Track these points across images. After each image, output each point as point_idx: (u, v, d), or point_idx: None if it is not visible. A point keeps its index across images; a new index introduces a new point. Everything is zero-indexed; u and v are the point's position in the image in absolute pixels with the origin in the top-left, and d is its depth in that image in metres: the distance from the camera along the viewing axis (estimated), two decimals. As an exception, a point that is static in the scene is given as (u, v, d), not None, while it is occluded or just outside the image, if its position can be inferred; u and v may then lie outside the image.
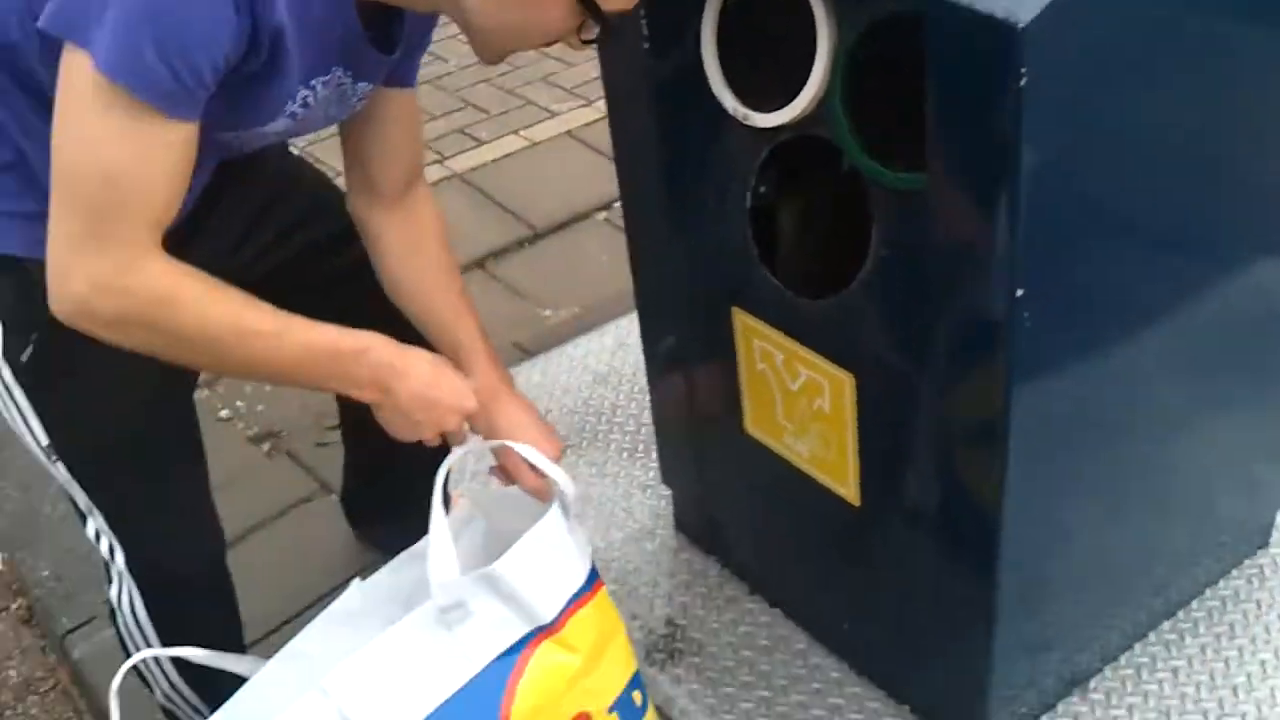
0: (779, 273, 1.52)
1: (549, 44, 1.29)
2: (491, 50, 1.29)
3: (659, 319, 1.79)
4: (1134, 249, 1.33)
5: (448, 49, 3.82)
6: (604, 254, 3.01)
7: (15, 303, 1.39)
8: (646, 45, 1.44)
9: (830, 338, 1.49)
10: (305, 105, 1.30)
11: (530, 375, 2.46)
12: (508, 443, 1.46)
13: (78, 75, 1.14)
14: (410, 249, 1.56)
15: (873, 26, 1.28)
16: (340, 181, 1.58)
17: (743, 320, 1.59)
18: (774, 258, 1.53)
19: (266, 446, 2.54)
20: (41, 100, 1.22)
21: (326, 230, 1.64)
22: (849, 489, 1.57)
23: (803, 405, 1.57)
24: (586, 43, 1.27)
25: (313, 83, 1.28)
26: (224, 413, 2.62)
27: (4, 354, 1.41)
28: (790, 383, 1.57)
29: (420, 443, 1.45)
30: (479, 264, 2.98)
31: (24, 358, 1.41)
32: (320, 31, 1.24)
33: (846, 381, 1.48)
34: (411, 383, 1.37)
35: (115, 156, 1.16)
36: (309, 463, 2.47)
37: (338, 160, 1.54)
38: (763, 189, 1.49)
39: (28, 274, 1.35)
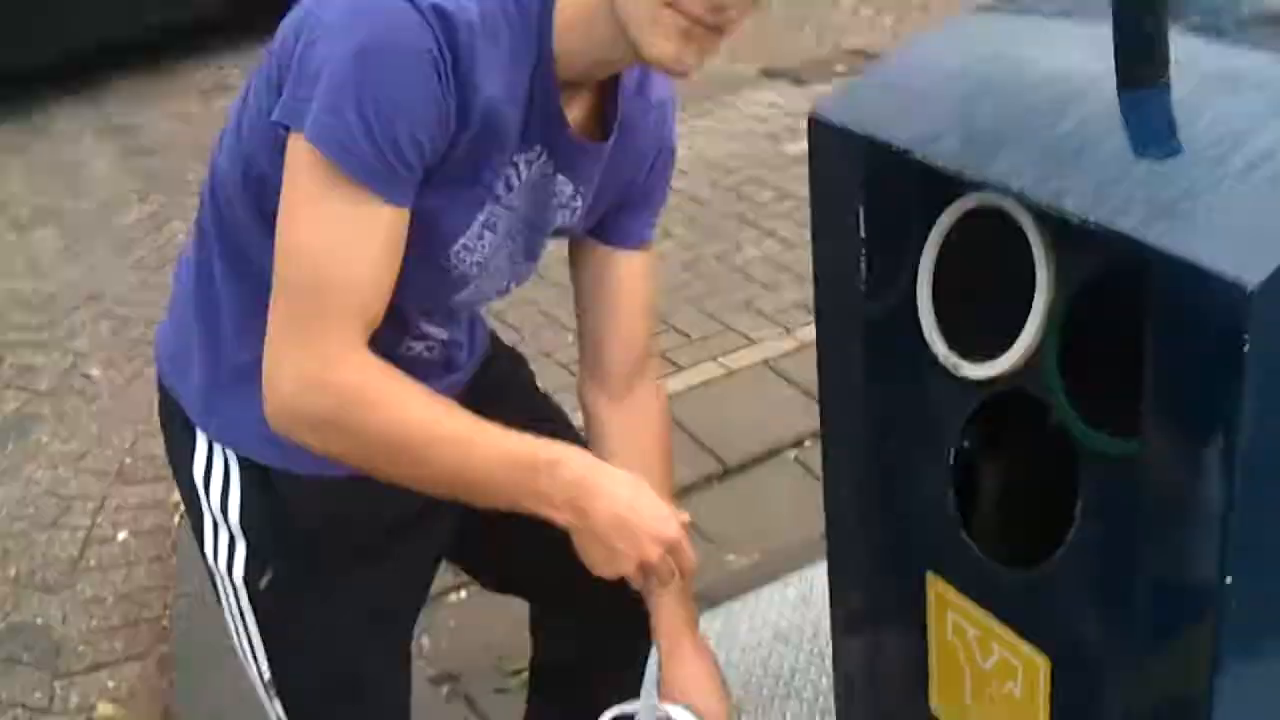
0: (977, 536, 1.43)
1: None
2: (644, 25, 1.18)
3: (849, 577, 1.71)
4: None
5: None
6: (792, 495, 2.93)
7: (262, 525, 1.40)
8: (863, 287, 1.41)
9: (1027, 613, 1.39)
10: (509, 186, 1.28)
11: (711, 624, 2.38)
12: (671, 711, 1.40)
13: (294, 158, 1.16)
14: (629, 449, 1.50)
15: (1092, 281, 1.23)
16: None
17: (937, 588, 1.50)
18: (973, 519, 1.45)
19: (445, 689, 2.48)
20: None
21: None
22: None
23: (993, 687, 1.45)
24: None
25: (516, 159, 1.26)
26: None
27: (245, 576, 1.41)
28: (982, 661, 1.46)
29: (599, 699, 1.37)
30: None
31: (263, 584, 1.40)
32: (524, 105, 1.23)
33: (1042, 666, 1.37)
34: (609, 503, 1.26)
35: (324, 239, 1.16)
36: (485, 708, 2.40)
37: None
38: (967, 444, 1.43)
39: (279, 496, 1.38)
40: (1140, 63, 1.18)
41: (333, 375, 1.18)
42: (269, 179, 1.23)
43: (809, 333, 3.46)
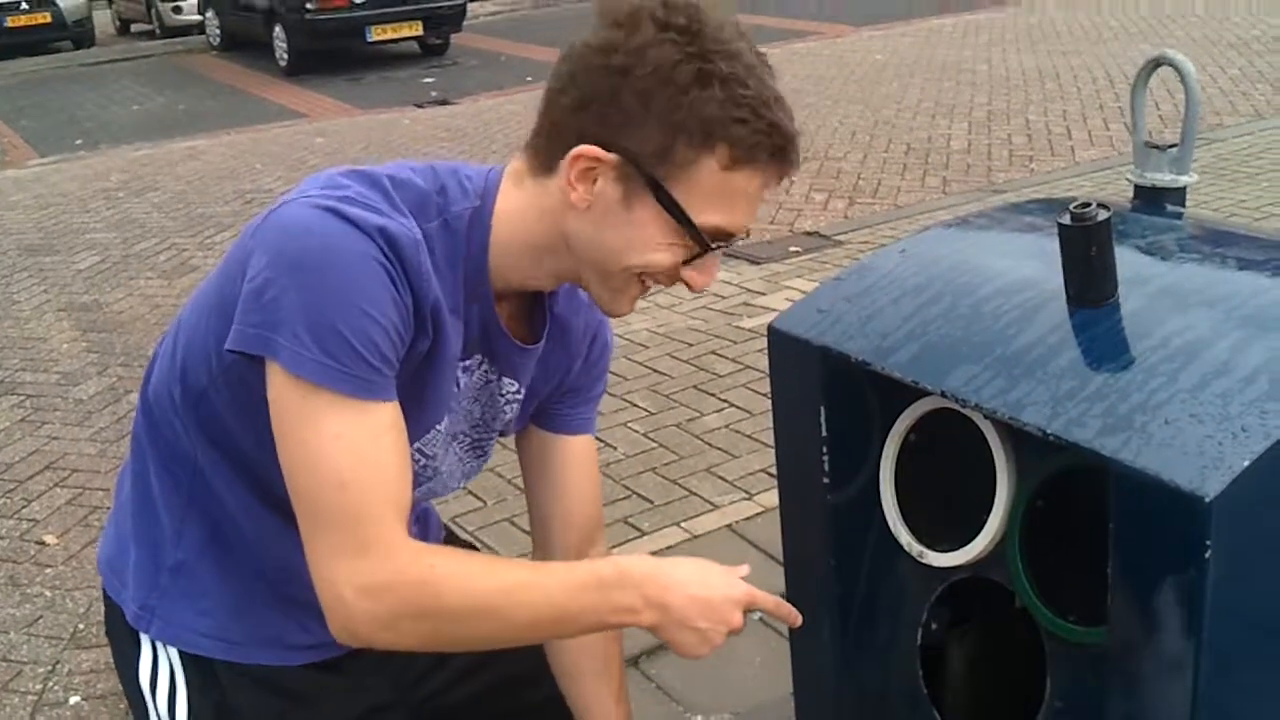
0: (946, 714, 1.47)
1: (661, 275, 1.26)
2: (611, 289, 1.27)
3: (819, 748, 1.74)
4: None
5: (617, 436, 3.96)
6: (757, 656, 2.96)
7: None
8: (826, 480, 1.47)
9: (999, 791, 1.42)
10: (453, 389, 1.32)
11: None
12: None
13: (279, 390, 1.17)
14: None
15: (1053, 477, 1.30)
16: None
17: (907, 761, 1.53)
18: (942, 700, 1.49)
19: None
20: (232, 457, 1.26)
21: (513, 669, 1.60)
22: None
23: None
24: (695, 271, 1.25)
25: (456, 366, 1.31)
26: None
27: None
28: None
29: None
30: (633, 662, 2.95)
31: None
32: (462, 316, 1.28)
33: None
34: (682, 590, 1.27)
35: (338, 459, 1.17)
36: None
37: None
38: (934, 626, 1.48)
39: (225, 697, 1.38)
40: (1089, 286, 1.26)
41: (394, 574, 1.20)
42: (208, 395, 1.29)
43: (771, 498, 3.50)
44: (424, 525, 1.61)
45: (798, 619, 1.38)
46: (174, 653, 1.40)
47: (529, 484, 1.58)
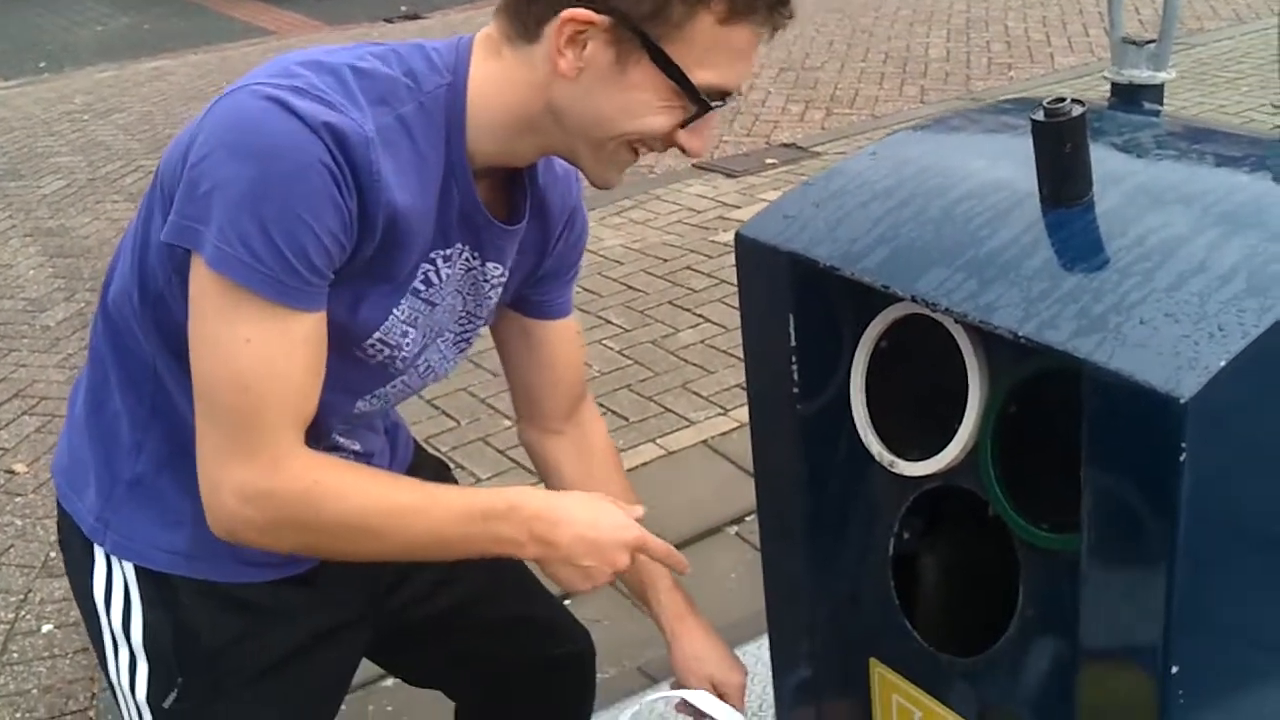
0: (919, 625, 1.46)
1: (655, 141, 1.23)
2: (602, 160, 1.24)
3: (791, 660, 1.73)
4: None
5: (592, 354, 3.92)
6: (733, 571, 2.96)
7: (164, 644, 1.38)
8: (796, 390, 1.44)
9: (972, 698, 1.41)
10: (428, 283, 1.28)
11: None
12: (691, 696, 1.47)
13: (198, 282, 1.15)
14: (587, 476, 1.56)
15: (1025, 382, 1.27)
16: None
17: (880, 672, 1.52)
18: (914, 608, 1.48)
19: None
20: (189, 365, 1.21)
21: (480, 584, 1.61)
22: None
23: (940, 768, 1.47)
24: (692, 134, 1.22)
25: (433, 256, 1.27)
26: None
27: (148, 696, 1.38)
28: (928, 743, 1.48)
29: None
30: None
31: (167, 704, 1.38)
32: (436, 205, 1.23)
33: (989, 749, 1.39)
34: (570, 528, 1.29)
35: (245, 362, 1.15)
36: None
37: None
38: (906, 536, 1.46)
39: (182, 612, 1.35)
40: (1063, 184, 1.22)
41: (278, 481, 1.19)
42: (164, 297, 1.24)
43: (746, 413, 3.50)
44: (393, 440, 1.57)
45: (686, 567, 1.43)
46: (129, 568, 1.37)
47: (510, 362, 1.55)
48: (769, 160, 5.73)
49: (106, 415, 1.37)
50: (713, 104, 1.20)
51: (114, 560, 1.37)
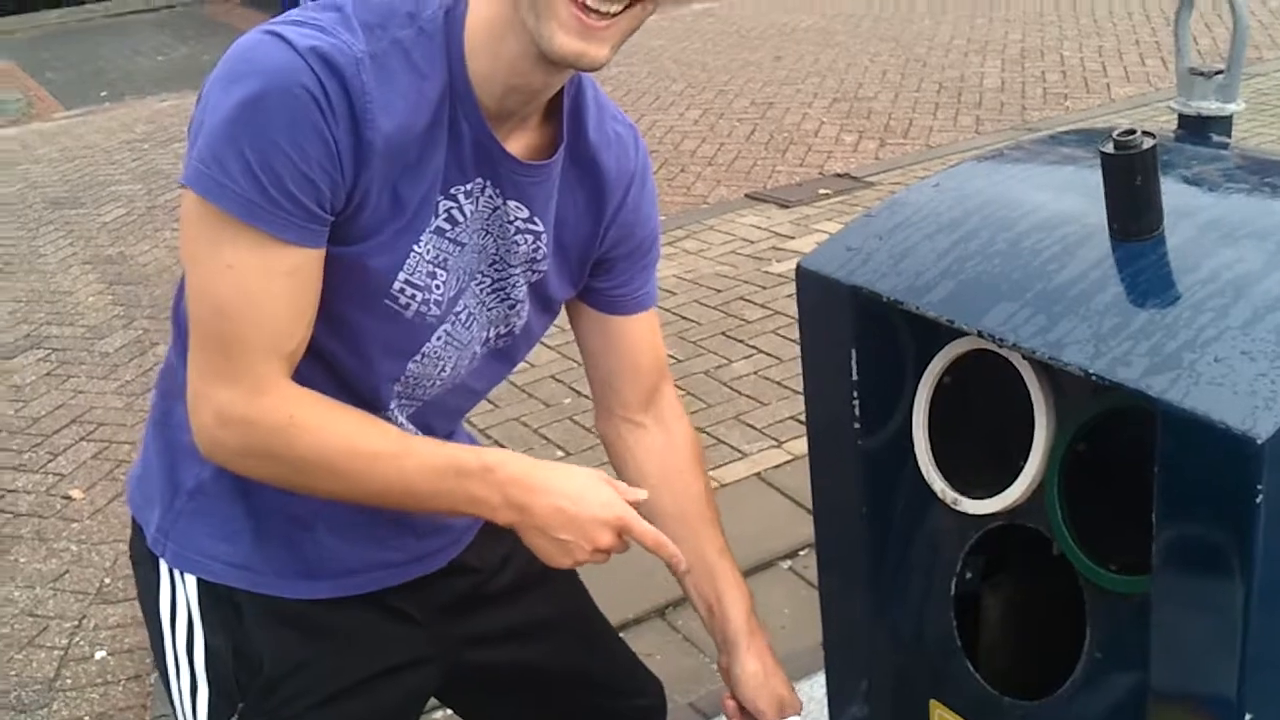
0: (981, 666, 1.43)
1: None
2: (542, 13, 1.15)
3: (850, 700, 1.70)
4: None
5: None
6: (786, 606, 2.93)
7: (227, 670, 1.37)
8: (857, 425, 1.42)
9: (1036, 744, 1.38)
10: (453, 220, 1.25)
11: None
12: None
13: (186, 208, 1.16)
14: (665, 471, 1.53)
15: (1094, 420, 1.24)
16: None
17: (941, 714, 1.49)
18: (976, 649, 1.45)
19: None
20: None
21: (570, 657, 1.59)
22: None
23: (1003, 814, 1.43)
24: None
25: (453, 191, 1.24)
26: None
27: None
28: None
29: None
30: (659, 613, 2.93)
31: None
32: (447, 135, 1.21)
33: (1053, 795, 1.36)
34: (548, 498, 1.24)
35: (224, 289, 1.16)
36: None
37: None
38: (969, 575, 1.43)
39: (245, 628, 1.35)
40: (1133, 218, 1.20)
41: (255, 410, 1.19)
42: None
43: (800, 445, 3.48)
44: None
45: (681, 561, 1.35)
46: (191, 582, 1.36)
47: (587, 352, 1.52)
48: (822, 191, 5.71)
49: (173, 422, 1.36)
50: None
51: (176, 575, 1.37)
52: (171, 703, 1.43)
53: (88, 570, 3.30)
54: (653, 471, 1.53)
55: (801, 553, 3.04)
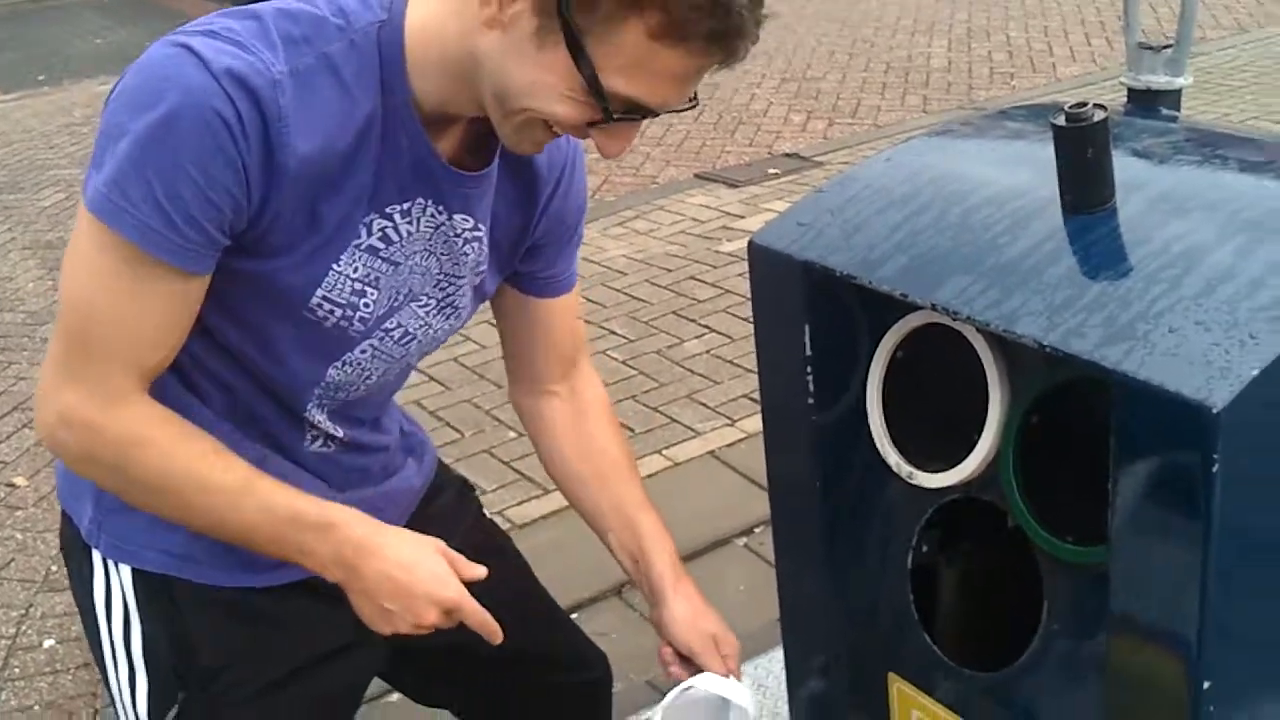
0: (939, 639, 1.43)
1: (567, 129, 1.16)
2: (512, 127, 1.17)
3: (808, 675, 1.70)
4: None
5: (597, 365, 3.89)
6: (742, 584, 2.93)
7: (166, 654, 1.35)
8: (811, 401, 1.41)
9: (994, 713, 1.38)
10: (387, 240, 1.23)
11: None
12: (693, 681, 1.46)
13: (80, 217, 1.14)
14: (578, 433, 1.53)
15: (1048, 392, 1.24)
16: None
17: (899, 687, 1.49)
18: (934, 622, 1.45)
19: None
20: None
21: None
22: None
23: (961, 784, 1.44)
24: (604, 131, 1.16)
25: (389, 210, 1.22)
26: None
27: (149, 711, 1.36)
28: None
29: None
30: (616, 592, 2.92)
31: (168, 718, 1.36)
32: (378, 153, 1.18)
33: (1011, 766, 1.36)
34: (380, 564, 1.23)
35: (96, 295, 1.14)
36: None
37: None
38: (925, 549, 1.43)
39: (182, 625, 1.33)
40: (1085, 190, 1.20)
41: (104, 418, 1.17)
42: None
43: (753, 423, 3.48)
44: (411, 448, 1.54)
45: (499, 637, 1.31)
46: (126, 572, 1.34)
47: (505, 330, 1.52)
48: (771, 170, 5.72)
49: None
50: (616, 115, 1.12)
51: (111, 565, 1.34)
52: (110, 694, 1.41)
53: (33, 558, 3.25)
54: (567, 436, 1.54)
55: (757, 530, 3.05)
